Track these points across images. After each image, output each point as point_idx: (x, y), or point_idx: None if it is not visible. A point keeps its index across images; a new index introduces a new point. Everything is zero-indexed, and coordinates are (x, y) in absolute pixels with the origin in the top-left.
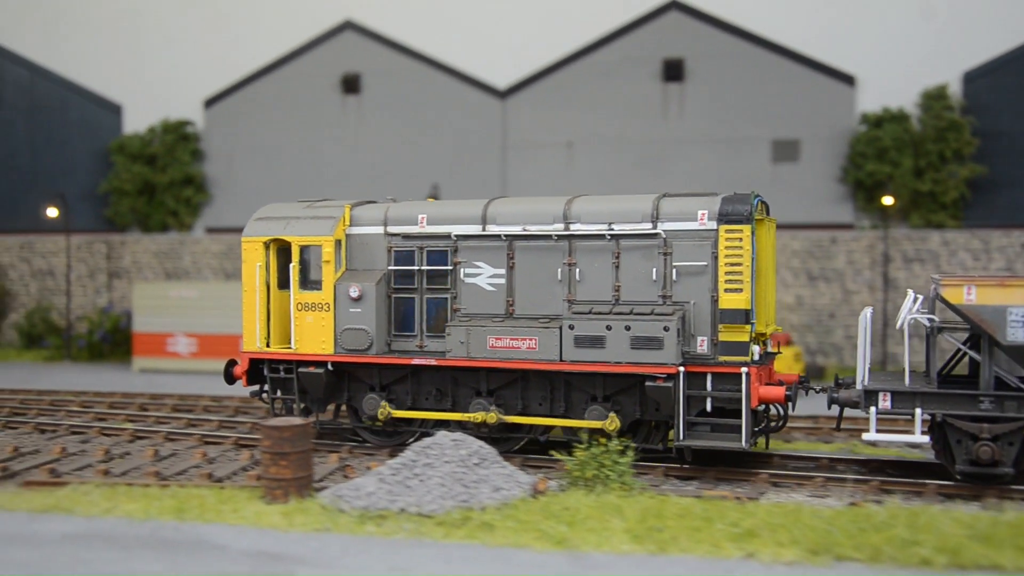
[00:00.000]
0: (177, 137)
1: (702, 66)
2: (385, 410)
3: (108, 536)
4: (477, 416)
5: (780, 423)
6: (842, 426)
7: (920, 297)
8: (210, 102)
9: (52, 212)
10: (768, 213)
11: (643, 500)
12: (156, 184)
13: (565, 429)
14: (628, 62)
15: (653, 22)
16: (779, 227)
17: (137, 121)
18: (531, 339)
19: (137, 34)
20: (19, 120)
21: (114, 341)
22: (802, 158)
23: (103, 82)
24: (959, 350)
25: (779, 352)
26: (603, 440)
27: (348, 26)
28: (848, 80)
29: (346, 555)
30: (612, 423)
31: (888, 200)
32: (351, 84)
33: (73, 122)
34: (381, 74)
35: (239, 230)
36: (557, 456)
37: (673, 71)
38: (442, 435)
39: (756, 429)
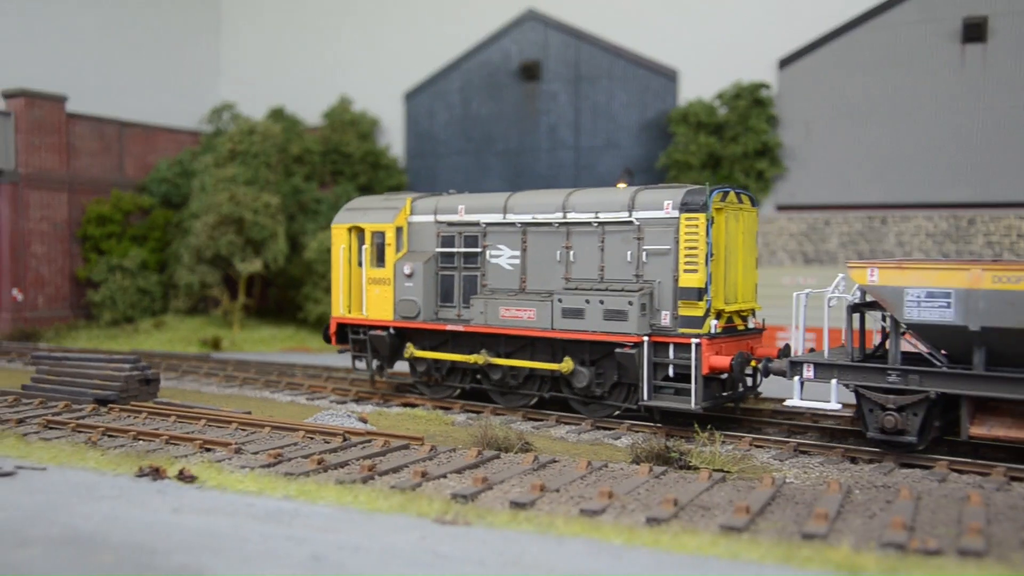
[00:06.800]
0: (750, 103)
1: None
2: (410, 350)
3: None
4: (470, 358)
5: (743, 391)
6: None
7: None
8: (785, 62)
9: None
10: (753, 204)
11: None
12: (723, 156)
13: (563, 387)
14: None
15: None
16: None
17: (695, 87)
18: (531, 310)
19: None
20: (562, 92)
21: None
22: None
23: (654, 47)
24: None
25: (762, 328)
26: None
27: None
28: None
29: None
30: (566, 365)
31: None
32: (973, 31)
33: (619, 91)
34: (1019, 15)
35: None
36: None
37: None
38: None
39: (723, 394)
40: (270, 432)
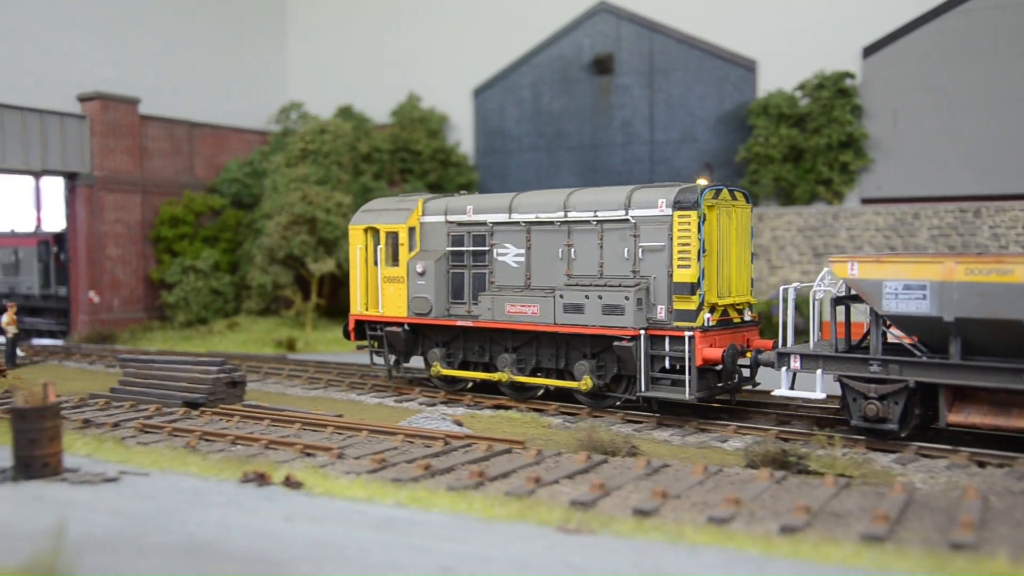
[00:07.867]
0: (834, 93)
1: None
2: (437, 369)
3: None
4: (494, 376)
5: (737, 382)
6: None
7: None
8: (870, 50)
9: (702, 184)
10: (748, 200)
11: None
12: (805, 148)
13: (567, 380)
14: None
15: None
16: None
17: (775, 78)
18: (535, 306)
19: None
20: (636, 85)
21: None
22: None
23: (731, 37)
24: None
25: (757, 321)
26: None
27: None
28: None
29: None
30: (585, 384)
31: None
32: None
33: (695, 83)
34: None
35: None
36: None
37: None
38: None
39: (718, 385)
40: (367, 436)
